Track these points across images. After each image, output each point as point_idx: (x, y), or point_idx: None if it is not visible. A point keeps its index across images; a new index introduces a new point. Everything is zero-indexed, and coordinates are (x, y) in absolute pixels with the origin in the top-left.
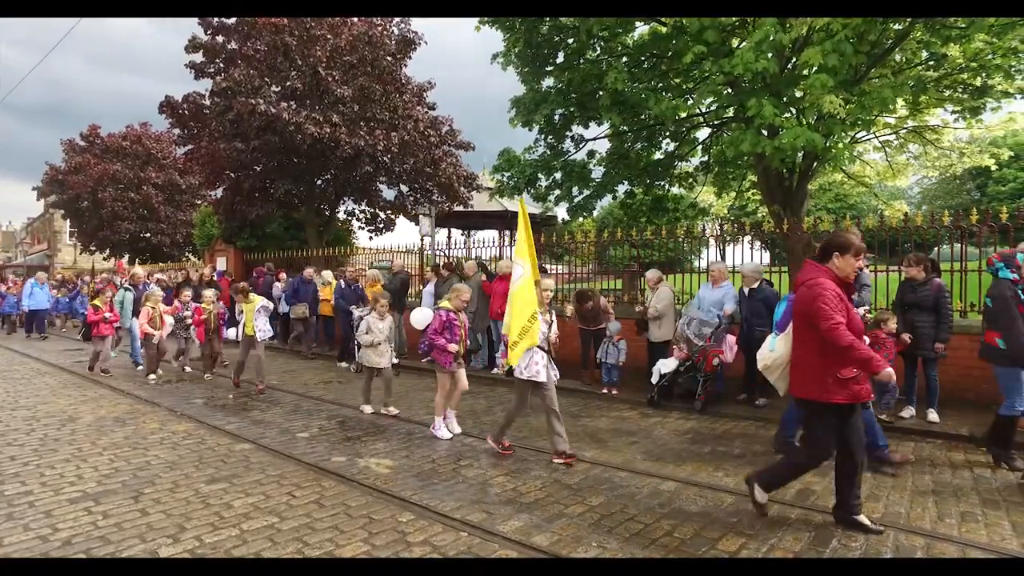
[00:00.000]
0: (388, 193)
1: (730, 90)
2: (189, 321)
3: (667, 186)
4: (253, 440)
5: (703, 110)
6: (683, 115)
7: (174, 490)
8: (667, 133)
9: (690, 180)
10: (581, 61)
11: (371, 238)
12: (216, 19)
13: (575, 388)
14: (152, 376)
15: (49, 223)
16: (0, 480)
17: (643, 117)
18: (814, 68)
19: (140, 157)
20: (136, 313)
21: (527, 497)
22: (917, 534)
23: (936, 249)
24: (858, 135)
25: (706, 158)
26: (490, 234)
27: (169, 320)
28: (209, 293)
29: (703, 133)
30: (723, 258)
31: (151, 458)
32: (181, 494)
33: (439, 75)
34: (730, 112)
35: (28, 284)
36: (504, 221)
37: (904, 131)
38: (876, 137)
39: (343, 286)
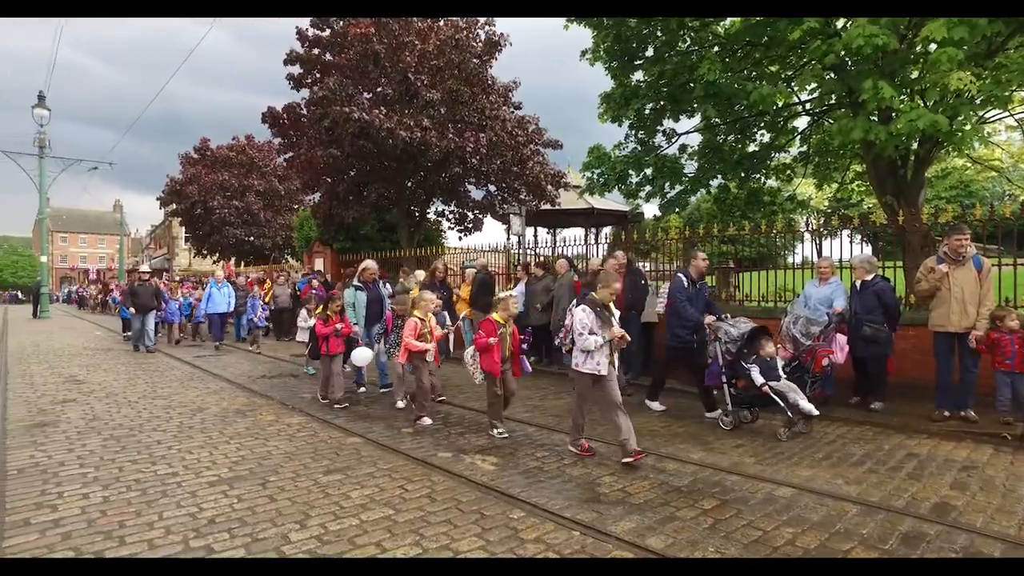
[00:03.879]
0: (476, 193)
1: (833, 75)
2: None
3: (763, 179)
4: (361, 434)
5: (803, 97)
6: (780, 104)
7: (295, 479)
8: (762, 123)
9: (788, 172)
10: (671, 53)
11: (460, 238)
12: (311, 32)
13: (672, 387)
14: (427, 421)
15: (168, 230)
16: (152, 461)
17: (737, 108)
18: (932, 44)
19: (244, 166)
20: (369, 320)
21: (636, 498)
22: None
23: None
24: (989, 114)
25: (805, 148)
26: (576, 232)
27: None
28: (513, 302)
29: (802, 122)
30: (820, 253)
31: (271, 448)
32: (302, 483)
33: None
34: (833, 99)
35: (208, 286)
36: (590, 219)
37: None
38: (1011, 115)
39: (685, 283)
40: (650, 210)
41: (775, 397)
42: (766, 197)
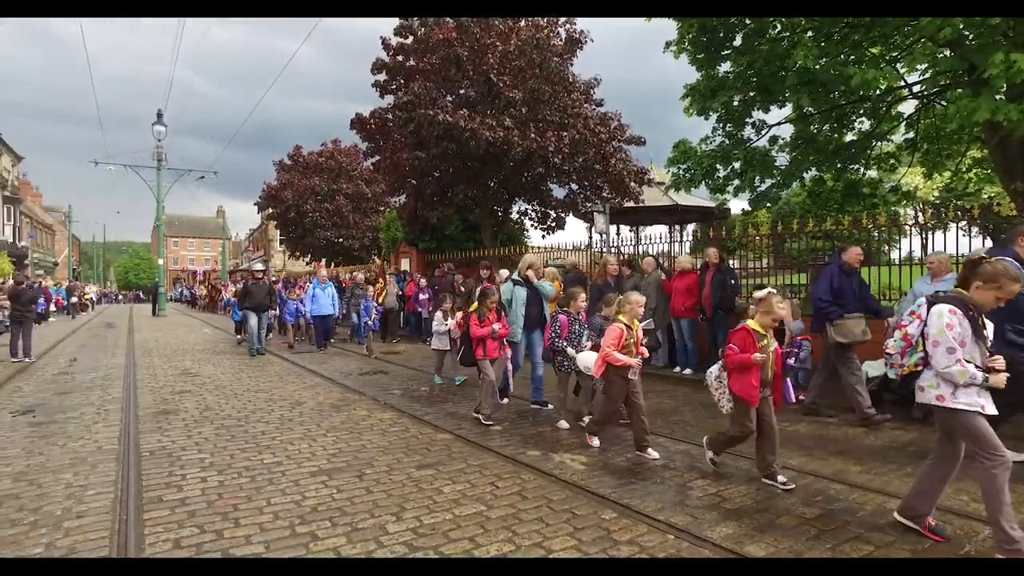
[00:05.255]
0: (559, 192)
1: (949, 51)
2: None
3: (862, 169)
4: (451, 431)
5: (911, 79)
6: (883, 88)
7: (390, 472)
8: (862, 110)
9: (891, 161)
10: (761, 42)
11: (543, 237)
12: (395, 41)
13: None
14: (596, 442)
15: (265, 233)
16: (259, 450)
17: (834, 95)
18: None
19: (333, 171)
20: (528, 322)
21: (731, 503)
22: None
23: None
24: None
25: (912, 135)
26: (660, 229)
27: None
28: (777, 301)
29: (908, 106)
30: (924, 248)
31: (365, 442)
32: (396, 477)
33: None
34: (947, 78)
35: (309, 287)
36: (674, 215)
37: None
38: None
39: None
40: (736, 205)
41: None
42: (866, 189)
